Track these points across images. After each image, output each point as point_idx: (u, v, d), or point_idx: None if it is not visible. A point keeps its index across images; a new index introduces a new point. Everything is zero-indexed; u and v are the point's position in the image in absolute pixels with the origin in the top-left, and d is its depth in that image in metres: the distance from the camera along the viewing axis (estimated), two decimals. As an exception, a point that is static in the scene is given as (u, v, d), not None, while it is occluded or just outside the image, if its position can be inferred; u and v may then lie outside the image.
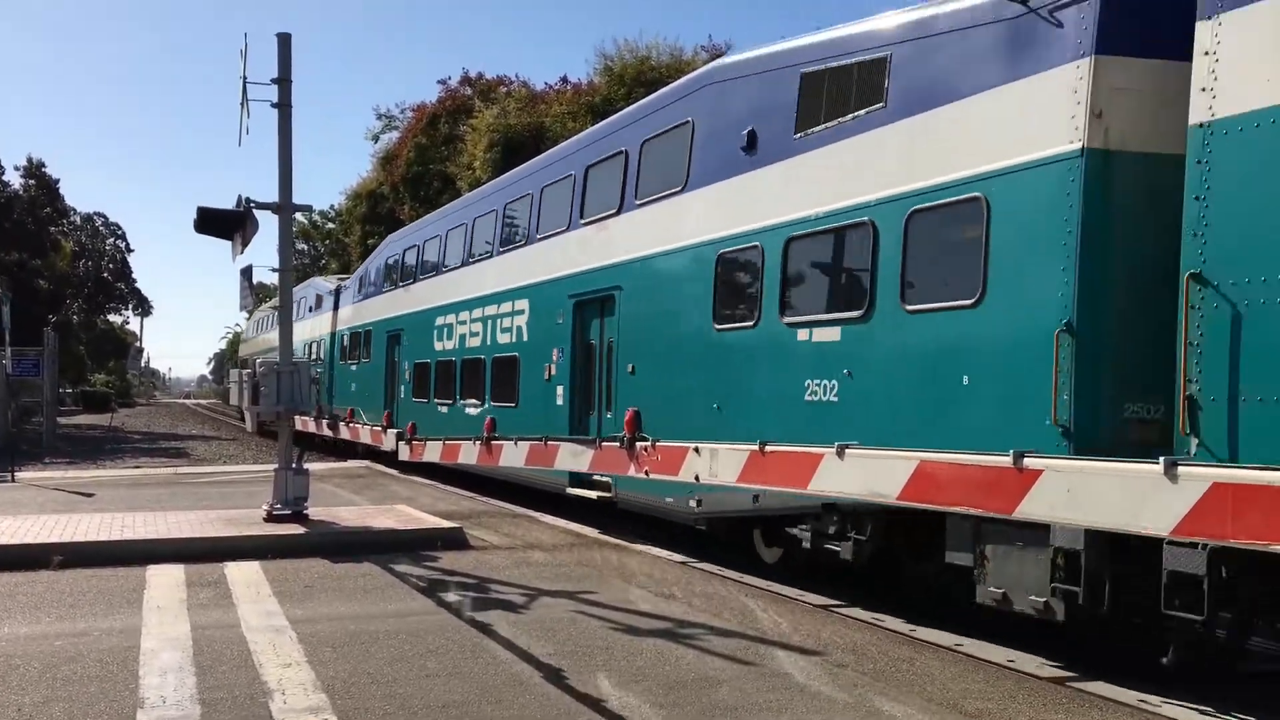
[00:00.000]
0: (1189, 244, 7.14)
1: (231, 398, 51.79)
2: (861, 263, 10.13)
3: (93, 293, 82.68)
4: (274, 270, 14.93)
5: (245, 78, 13.31)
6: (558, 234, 16.98)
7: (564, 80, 45.55)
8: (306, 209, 14.29)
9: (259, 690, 6.63)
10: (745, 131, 12.17)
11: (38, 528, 12.29)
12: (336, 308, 32.53)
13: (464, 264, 21.43)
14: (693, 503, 12.22)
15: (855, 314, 10.10)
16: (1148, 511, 6.03)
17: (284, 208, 13.57)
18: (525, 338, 17.89)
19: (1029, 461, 6.86)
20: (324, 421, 29.56)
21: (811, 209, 10.90)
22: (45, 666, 7.13)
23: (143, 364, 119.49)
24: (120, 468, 25.23)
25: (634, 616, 8.95)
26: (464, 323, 20.86)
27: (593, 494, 14.85)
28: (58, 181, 68.31)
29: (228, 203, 13.74)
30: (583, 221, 16.16)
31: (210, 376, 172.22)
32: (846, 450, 8.80)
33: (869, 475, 8.38)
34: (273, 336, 46.76)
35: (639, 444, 12.72)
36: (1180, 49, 7.37)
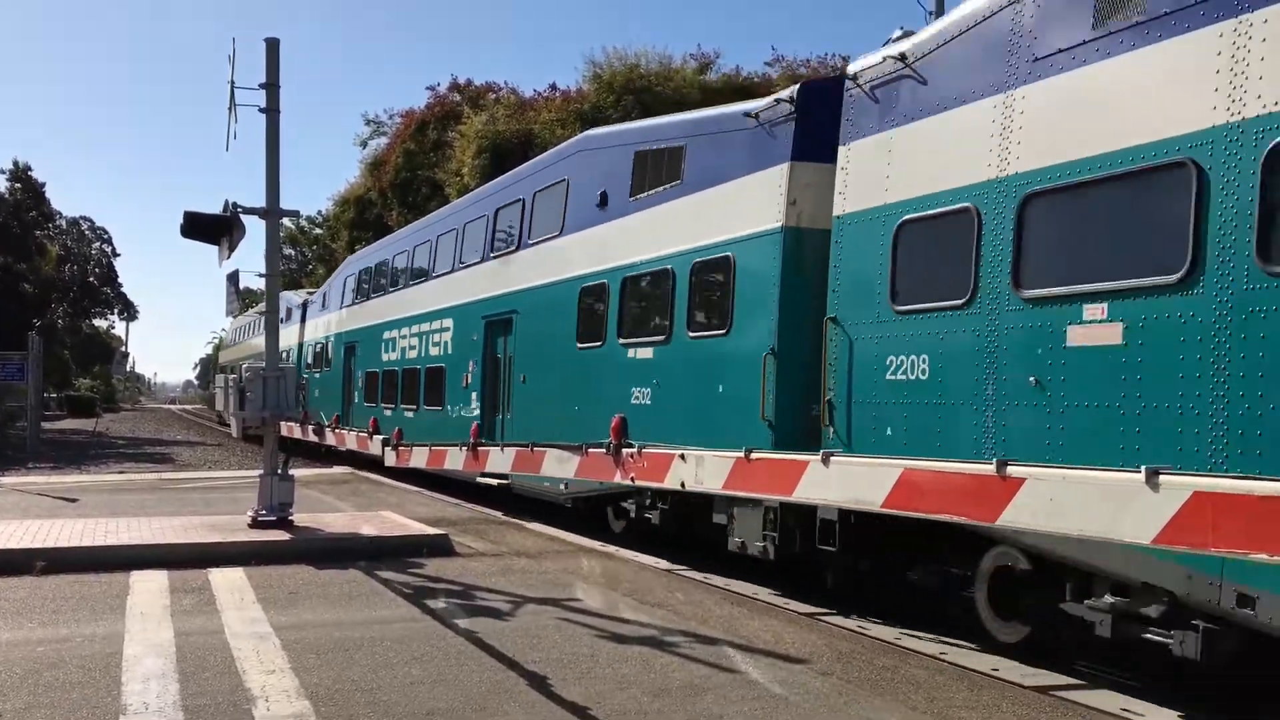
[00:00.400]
0: (830, 296, 10.55)
1: (217, 403, 51.59)
2: (665, 300, 13.39)
3: (78, 297, 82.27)
4: (261, 276, 14.90)
5: (233, 82, 13.26)
6: (475, 264, 20.23)
7: (553, 87, 45.56)
8: (294, 214, 14.23)
9: (242, 697, 6.61)
10: (600, 191, 15.51)
11: (20, 533, 12.23)
12: (303, 320, 35.58)
13: (406, 285, 24.76)
14: (562, 486, 15.06)
15: (661, 338, 13.42)
16: (1127, 518, 6.08)
17: (271, 213, 13.53)
18: (450, 351, 21.06)
19: (1012, 470, 6.89)
20: (309, 427, 29.88)
21: (638, 256, 14.16)
22: (27, 672, 7.08)
23: (128, 369, 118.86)
24: (104, 473, 25.09)
25: (619, 624, 8.94)
26: (405, 337, 24.06)
27: (495, 481, 17.45)
28: (44, 185, 68.00)
29: (215, 208, 13.71)
30: (492, 255, 19.43)
31: (196, 382, 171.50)
32: (831, 459, 8.84)
33: (854, 484, 8.40)
34: (254, 342, 47.78)
35: (625, 450, 12.75)
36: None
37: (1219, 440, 6.65)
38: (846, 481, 8.44)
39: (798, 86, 11.71)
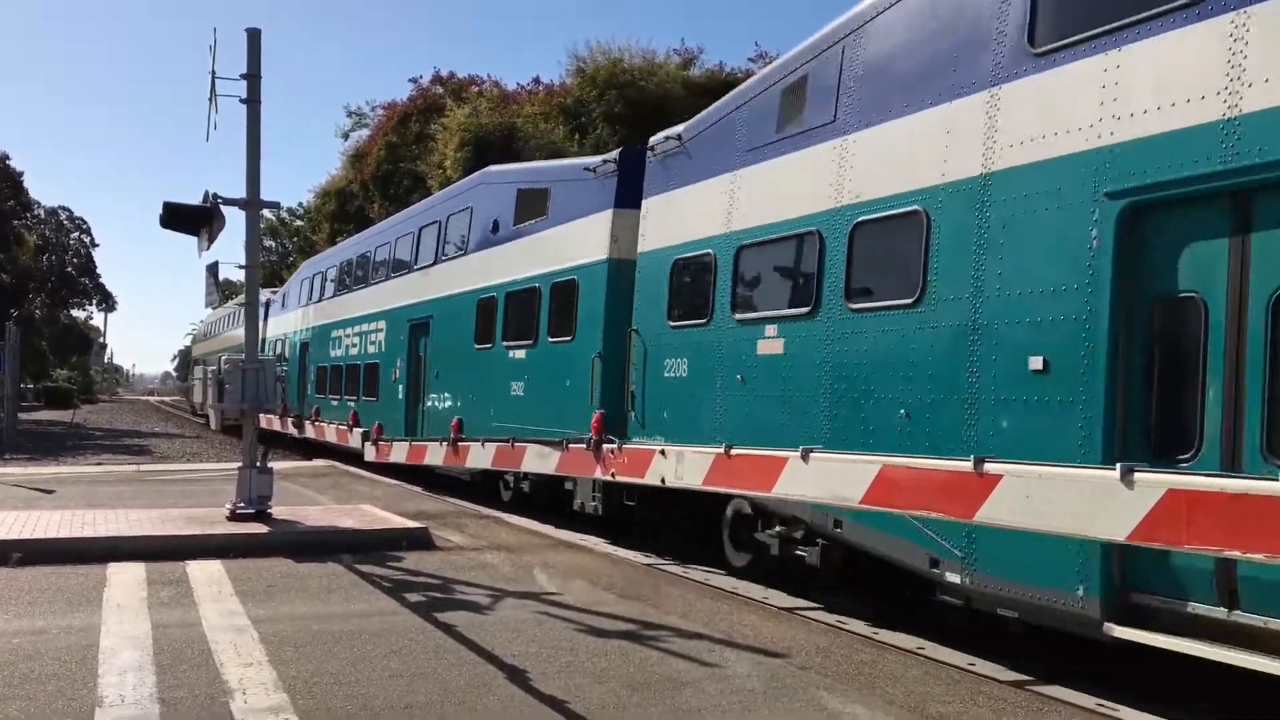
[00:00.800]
0: (634, 313, 13.81)
1: (195, 395, 51.48)
2: (534, 312, 16.67)
3: (56, 287, 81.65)
4: (241, 267, 14.84)
5: (214, 73, 13.19)
6: (403, 275, 23.45)
7: (536, 81, 45.53)
8: (274, 205, 14.19)
9: (220, 690, 6.60)
10: (494, 219, 18.68)
11: (-4, 524, 12.15)
12: (265, 318, 37.33)
13: (350, 290, 27.82)
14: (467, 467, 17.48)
15: (531, 342, 16.83)
16: (1102, 516, 6.14)
17: (251, 204, 13.47)
18: (383, 349, 24.18)
19: (989, 467, 6.94)
20: (289, 420, 29.87)
21: (518, 275, 17.41)
22: (2, 664, 7.04)
23: (106, 360, 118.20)
24: (82, 464, 24.93)
25: (598, 618, 8.96)
26: (348, 336, 27.19)
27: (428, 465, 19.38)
28: (21, 174, 67.45)
29: (195, 198, 13.65)
30: (416, 267, 22.59)
31: (175, 373, 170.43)
32: (811, 454, 8.87)
33: (832, 481, 8.45)
34: (231, 334, 49.37)
35: (605, 446, 12.78)
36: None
37: (829, 414, 10.19)
38: (825, 479, 8.47)
39: (619, 151, 15.25)
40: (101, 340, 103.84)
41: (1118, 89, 7.52)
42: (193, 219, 13.69)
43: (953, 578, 8.60)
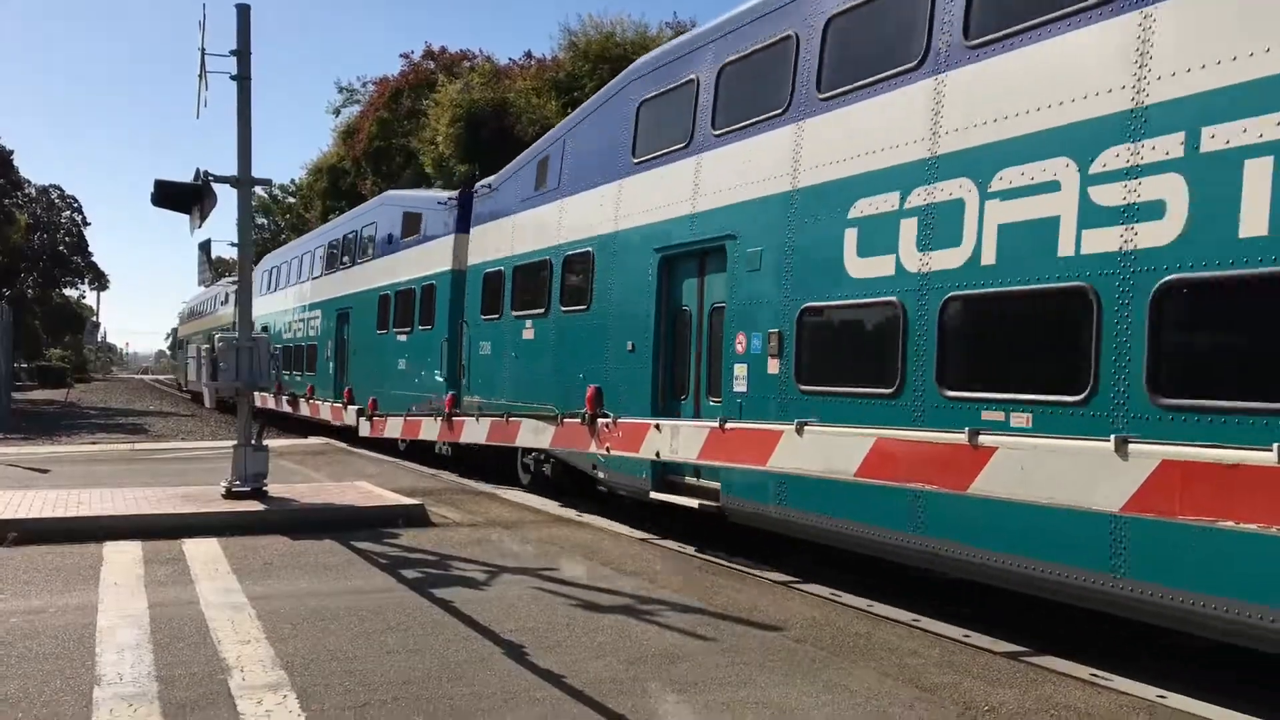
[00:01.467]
0: (466, 309, 19.19)
1: (189, 373, 51.73)
2: (412, 306, 22.27)
3: (48, 266, 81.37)
4: (233, 245, 14.76)
5: (204, 50, 13.08)
6: (333, 272, 29.01)
7: (529, 56, 45.24)
8: (266, 183, 14.08)
9: (217, 667, 6.62)
10: (388, 233, 24.42)
11: (-8, 504, 12.14)
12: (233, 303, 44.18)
13: (299, 283, 33.00)
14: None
15: (408, 329, 22.38)
16: (1100, 489, 6.16)
17: (243, 182, 13.39)
18: (320, 333, 29.90)
19: (984, 439, 6.95)
20: (283, 398, 30.05)
21: (402, 278, 23.06)
22: (0, 644, 7.06)
23: (100, 339, 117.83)
24: (77, 444, 24.94)
25: (595, 593, 9.00)
26: (297, 322, 32.91)
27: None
28: (11, 153, 67.13)
29: (187, 176, 13.57)
30: (342, 266, 28.20)
31: (169, 352, 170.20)
32: (806, 429, 8.88)
33: (827, 454, 8.46)
34: (219, 314, 51.81)
35: (600, 420, 12.77)
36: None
37: (555, 376, 15.54)
38: (820, 451, 8.48)
39: (459, 191, 21.06)
40: (95, 319, 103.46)
41: (660, 196, 13.24)
42: (184, 197, 13.61)
43: (602, 475, 14.29)
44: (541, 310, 16.03)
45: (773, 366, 10.91)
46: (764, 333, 11.10)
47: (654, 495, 12.92)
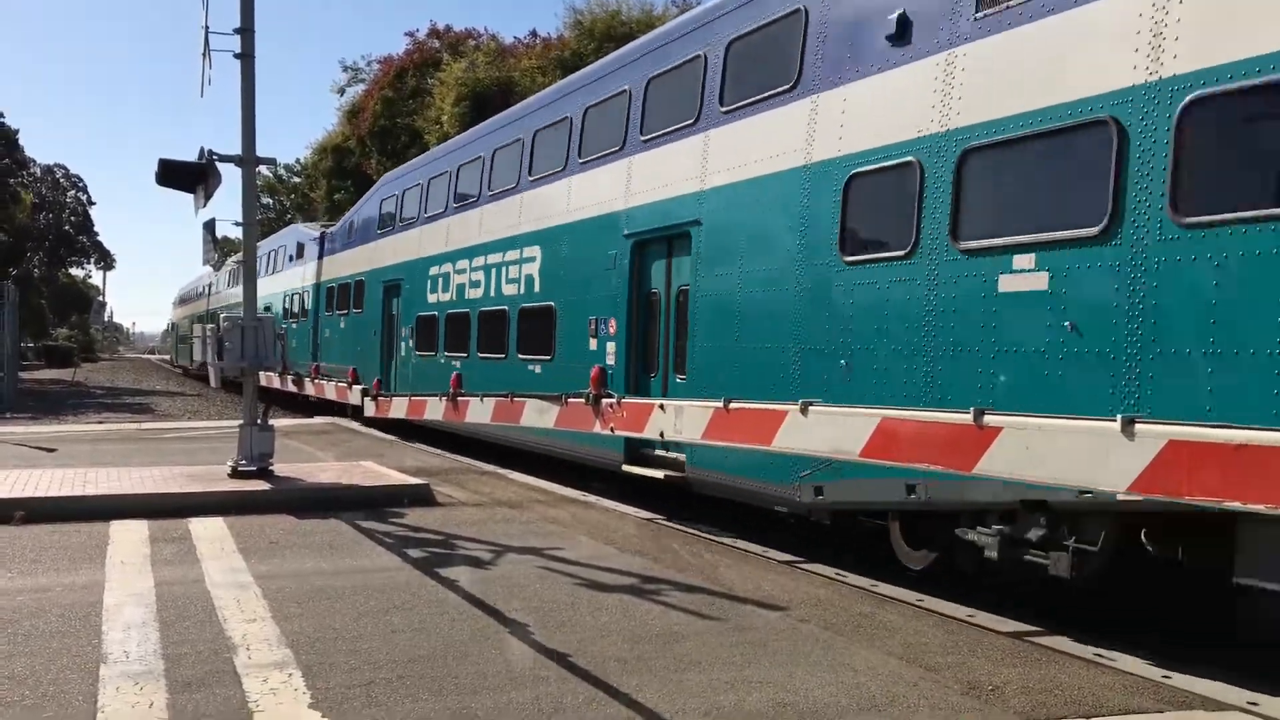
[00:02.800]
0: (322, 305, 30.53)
1: (195, 353, 52.20)
2: (343, 299, 28.12)
3: (54, 246, 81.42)
4: (238, 225, 14.77)
5: (207, 27, 13.06)
6: (294, 266, 34.46)
7: (534, 34, 45.17)
8: (270, 162, 14.09)
9: (223, 645, 6.63)
10: (290, 252, 34.88)
11: (-2, 483, 12.18)
12: (212, 292, 53.49)
13: (271, 274, 36.90)
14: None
15: (346, 311, 27.66)
16: (1103, 466, 6.14)
17: (247, 161, 13.36)
18: (301, 318, 33.77)
19: (990, 419, 6.93)
20: (289, 377, 30.00)
21: (347, 271, 28.12)
22: (7, 621, 7.09)
23: (106, 318, 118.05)
24: (83, 423, 25.00)
25: (600, 573, 9.01)
26: (271, 305, 36.66)
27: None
28: (17, 132, 66.92)
29: (192, 155, 13.55)
30: (295, 262, 33.87)
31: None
32: (810, 409, 8.86)
33: (831, 433, 8.44)
34: (198, 304, 56.29)
35: (604, 400, 12.74)
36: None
37: (382, 353, 24.68)
38: (824, 431, 8.45)
39: (320, 231, 31.70)
40: (101, 299, 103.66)
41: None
42: (189, 176, 13.59)
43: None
44: (358, 311, 26.41)
45: None
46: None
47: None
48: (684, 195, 12.65)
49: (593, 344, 14.49)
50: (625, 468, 13.61)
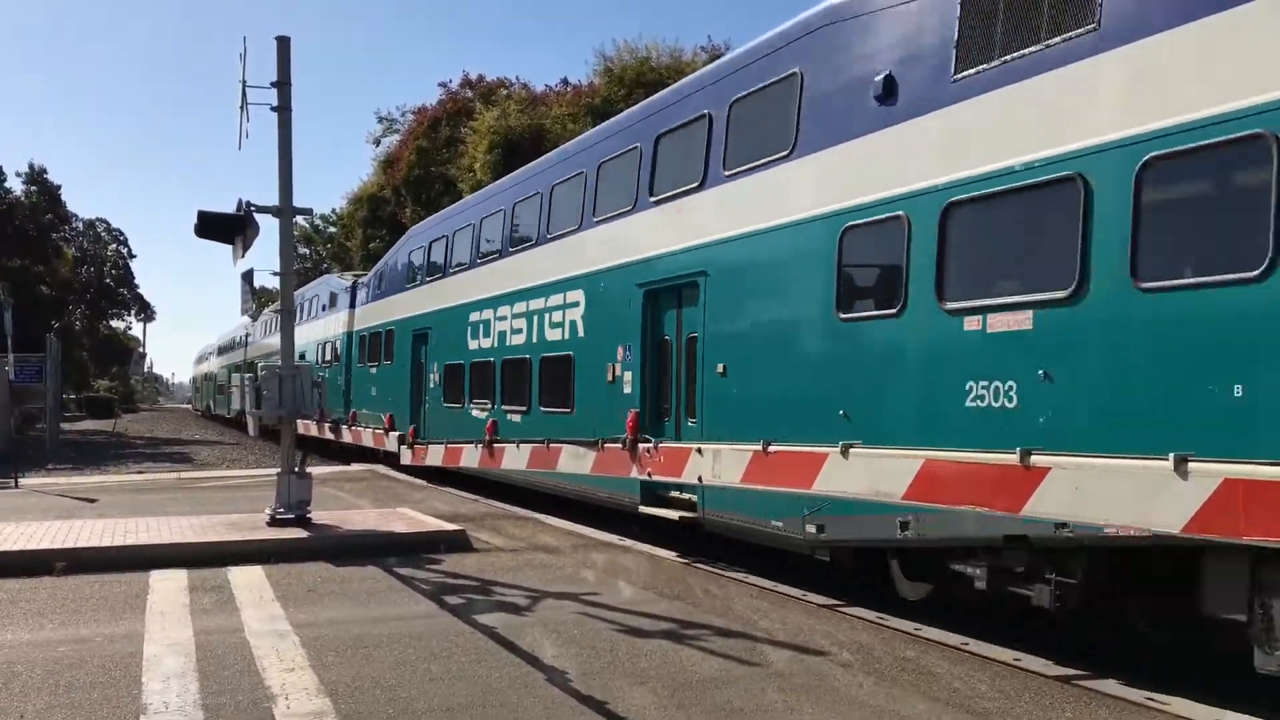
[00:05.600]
0: (355, 355, 30.37)
1: (234, 402, 53.03)
2: (374, 347, 28.25)
3: (95, 299, 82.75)
4: (276, 274, 14.91)
5: (245, 81, 13.29)
6: (327, 315, 35.10)
7: (564, 82, 45.63)
8: (307, 212, 14.27)
9: (262, 695, 6.60)
10: (323, 303, 35.58)
11: (40, 534, 12.27)
12: (247, 344, 53.55)
13: (305, 323, 37.50)
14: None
15: (377, 361, 27.69)
16: (1161, 506, 6.01)
17: (284, 211, 13.53)
18: (332, 366, 33.95)
19: (1036, 459, 6.82)
20: (326, 425, 30.19)
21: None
22: (48, 673, 7.10)
23: (146, 369, 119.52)
24: (123, 473, 25.21)
25: (638, 618, 8.91)
26: (305, 352, 36.99)
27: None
28: (59, 188, 68.47)
29: (230, 207, 13.73)
30: (328, 311, 34.41)
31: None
32: (851, 450, 8.77)
33: (874, 476, 8.35)
34: (210, 364, 58.52)
35: (641, 445, 12.71)
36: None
37: (381, 397, 26.90)
38: (866, 474, 8.39)
39: (352, 280, 32.25)
40: (141, 350, 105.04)
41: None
42: (227, 227, 13.76)
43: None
44: (389, 362, 26.49)
45: None
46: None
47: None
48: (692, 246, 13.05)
49: (627, 388, 14.52)
50: (642, 509, 13.75)
